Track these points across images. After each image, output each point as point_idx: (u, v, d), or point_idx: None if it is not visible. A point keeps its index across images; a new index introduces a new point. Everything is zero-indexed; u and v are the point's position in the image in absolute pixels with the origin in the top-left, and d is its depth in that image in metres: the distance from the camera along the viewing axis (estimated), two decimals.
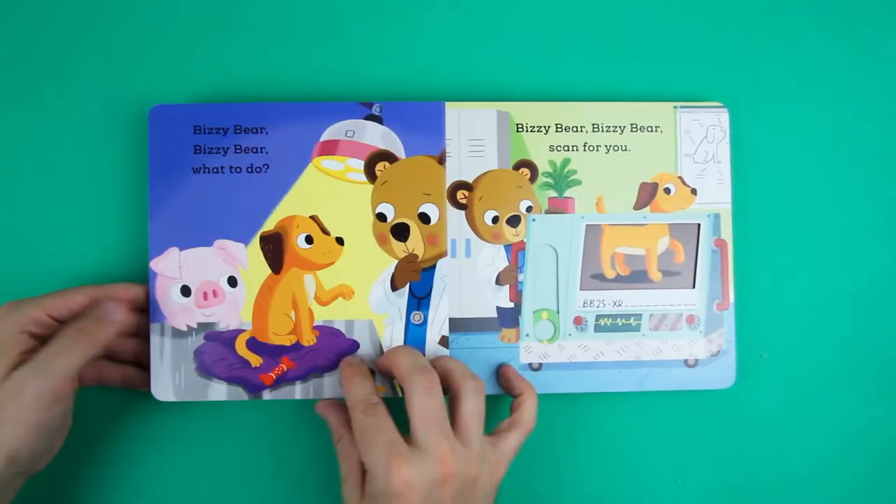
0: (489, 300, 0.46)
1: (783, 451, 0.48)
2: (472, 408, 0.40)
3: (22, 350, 0.39)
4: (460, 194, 0.46)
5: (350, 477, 0.40)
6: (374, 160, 0.46)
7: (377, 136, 0.46)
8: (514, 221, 0.46)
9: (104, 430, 0.46)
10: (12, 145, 0.47)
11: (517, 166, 0.47)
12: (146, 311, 0.45)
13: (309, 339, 0.45)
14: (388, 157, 0.46)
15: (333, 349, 0.45)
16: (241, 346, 0.45)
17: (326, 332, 0.45)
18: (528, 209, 0.46)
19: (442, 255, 0.46)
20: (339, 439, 0.42)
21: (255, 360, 0.45)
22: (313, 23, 0.48)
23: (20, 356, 0.39)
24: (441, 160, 0.46)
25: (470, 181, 0.46)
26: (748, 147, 0.49)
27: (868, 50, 0.49)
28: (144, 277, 0.45)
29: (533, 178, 0.47)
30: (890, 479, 0.48)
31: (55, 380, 0.38)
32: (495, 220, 0.46)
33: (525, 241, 0.46)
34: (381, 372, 0.44)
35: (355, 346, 0.45)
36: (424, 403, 0.39)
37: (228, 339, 0.45)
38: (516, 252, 0.46)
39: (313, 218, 0.45)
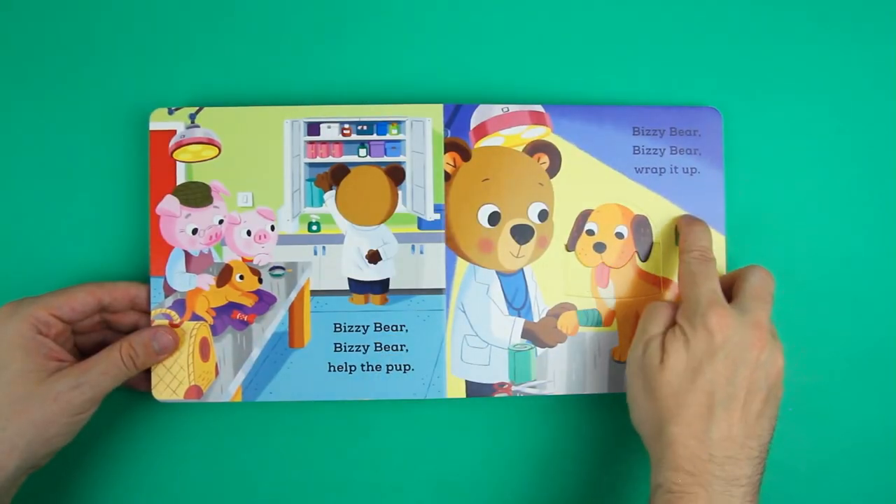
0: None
1: (779, 451, 0.48)
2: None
3: (44, 354, 0.40)
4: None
5: (656, 339, 0.41)
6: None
7: None
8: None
9: (106, 429, 0.46)
10: (16, 147, 0.47)
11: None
12: (147, 311, 0.44)
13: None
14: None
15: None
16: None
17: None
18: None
19: None
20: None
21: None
22: (313, 26, 0.48)
23: (45, 359, 0.39)
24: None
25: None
26: (742, 150, 0.48)
27: (863, 54, 0.49)
28: (146, 278, 0.45)
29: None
30: (889, 479, 0.49)
31: (97, 392, 0.40)
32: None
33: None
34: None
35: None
36: (763, 281, 0.42)
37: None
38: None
39: None
